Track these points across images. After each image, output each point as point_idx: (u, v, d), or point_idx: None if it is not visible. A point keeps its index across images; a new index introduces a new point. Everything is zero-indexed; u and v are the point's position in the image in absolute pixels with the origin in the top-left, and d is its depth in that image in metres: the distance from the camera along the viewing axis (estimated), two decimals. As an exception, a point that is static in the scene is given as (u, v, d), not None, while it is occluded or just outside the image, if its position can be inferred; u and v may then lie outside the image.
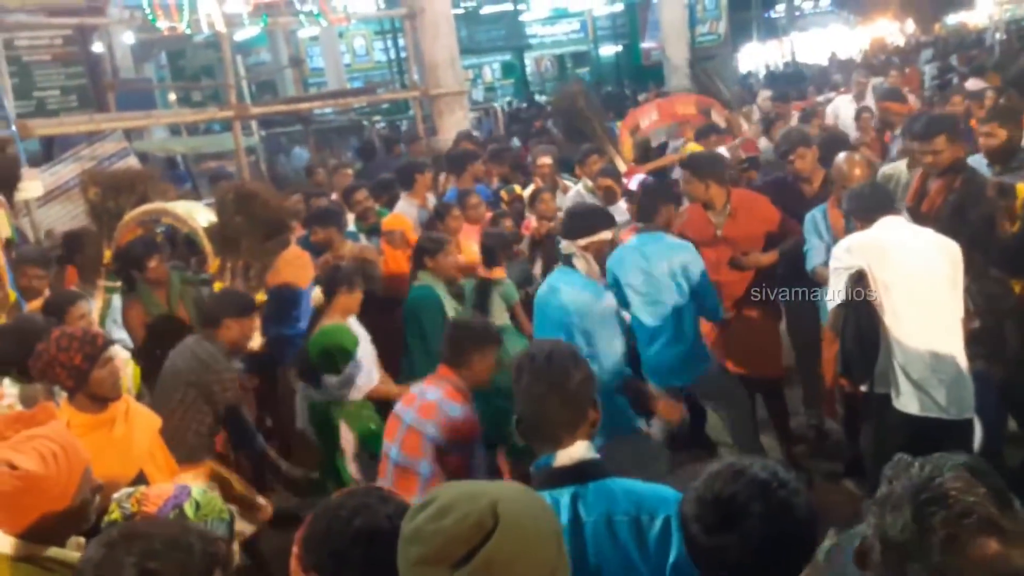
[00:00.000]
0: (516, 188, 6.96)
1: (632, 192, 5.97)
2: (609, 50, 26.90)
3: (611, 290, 4.16)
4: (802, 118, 8.12)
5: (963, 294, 3.52)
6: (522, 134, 13.58)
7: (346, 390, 4.33)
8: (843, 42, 25.54)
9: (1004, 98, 7.20)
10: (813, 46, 26.44)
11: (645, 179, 6.44)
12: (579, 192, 6.60)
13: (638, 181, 6.32)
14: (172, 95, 17.39)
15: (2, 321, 4.11)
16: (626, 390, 3.85)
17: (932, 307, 3.45)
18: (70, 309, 4.03)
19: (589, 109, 7.99)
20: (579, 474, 1.96)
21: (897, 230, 3.55)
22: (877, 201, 3.65)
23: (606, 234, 3.88)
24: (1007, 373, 3.90)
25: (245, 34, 16.84)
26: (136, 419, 3.15)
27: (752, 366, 4.81)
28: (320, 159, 10.91)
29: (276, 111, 12.45)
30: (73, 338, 3.03)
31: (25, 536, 2.01)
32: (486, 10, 24.54)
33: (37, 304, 4.33)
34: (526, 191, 6.81)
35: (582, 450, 1.98)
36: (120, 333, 4.81)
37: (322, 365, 4.33)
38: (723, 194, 4.78)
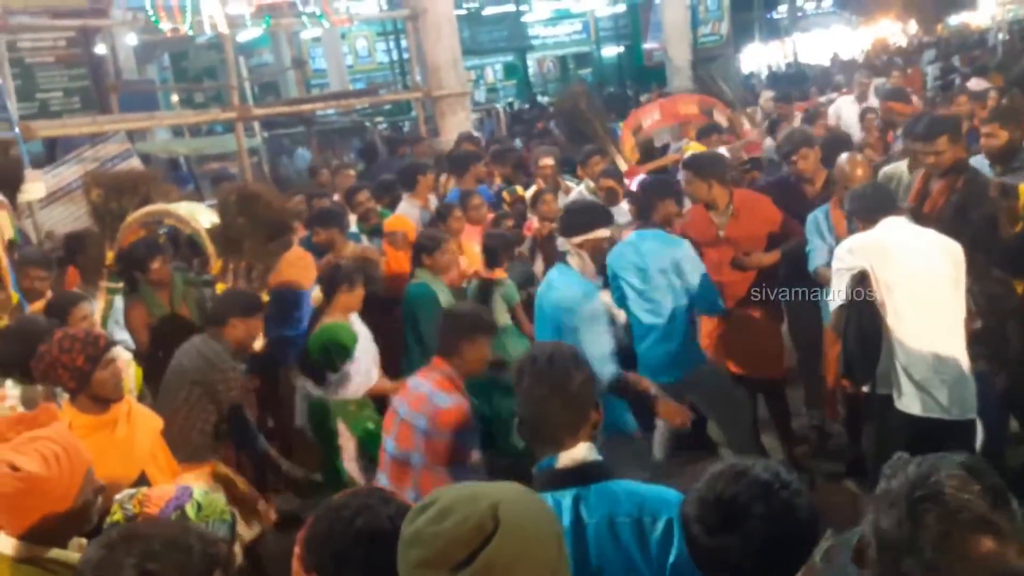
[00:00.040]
0: (518, 189, 6.96)
1: (633, 192, 5.97)
2: (611, 51, 26.88)
3: (611, 286, 4.16)
4: (806, 119, 8.10)
5: (965, 295, 3.52)
6: (524, 135, 13.59)
7: (343, 387, 4.32)
8: (845, 43, 25.51)
9: (1007, 98, 7.20)
10: (815, 47, 26.41)
11: (645, 179, 6.43)
12: (581, 193, 6.59)
13: (639, 181, 6.31)
14: (175, 96, 17.42)
15: (5, 322, 4.11)
16: (625, 392, 3.83)
17: (934, 308, 3.44)
18: (72, 310, 4.03)
19: (591, 110, 8.00)
20: (581, 476, 1.96)
21: (899, 231, 3.54)
22: (879, 202, 3.64)
23: (602, 232, 3.86)
24: (1009, 374, 3.89)
25: (248, 35, 16.86)
26: (138, 420, 3.16)
27: (754, 367, 4.81)
28: (323, 160, 10.92)
29: (279, 112, 12.48)
30: (75, 339, 3.04)
31: (27, 537, 2.02)
32: (488, 11, 24.54)
33: (39, 305, 4.34)
34: (528, 192, 6.81)
35: (584, 452, 1.98)
36: (122, 334, 4.81)
37: (321, 362, 4.34)
38: (725, 194, 4.78)
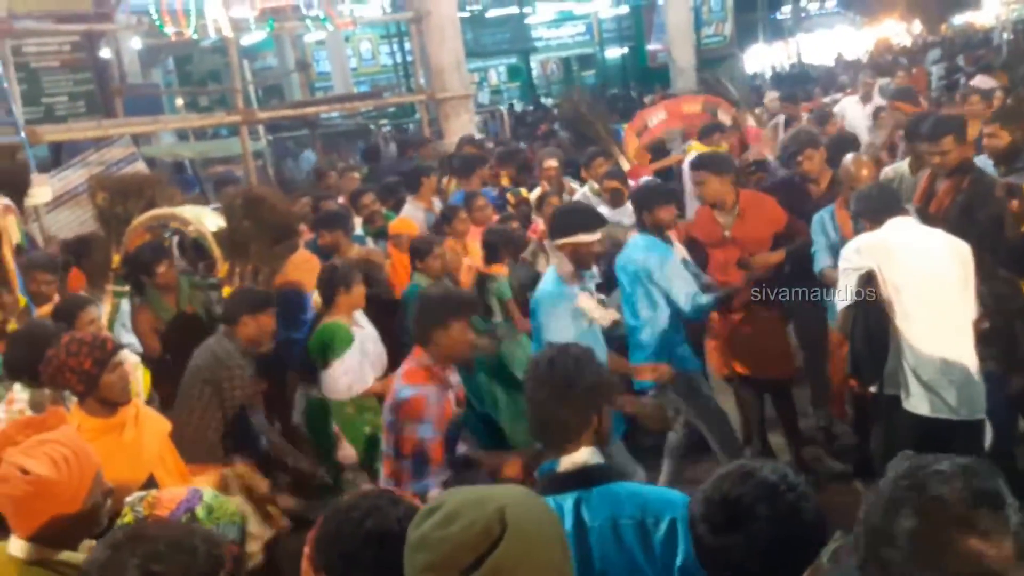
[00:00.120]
0: (522, 191, 6.96)
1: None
2: (615, 52, 26.88)
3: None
4: (817, 120, 8.08)
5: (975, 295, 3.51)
6: (528, 137, 13.59)
7: (333, 386, 4.30)
8: (849, 43, 25.50)
9: (1012, 98, 7.17)
10: (819, 47, 26.41)
11: (638, 186, 6.44)
12: (585, 195, 6.60)
13: (634, 187, 6.32)
14: (179, 100, 17.42)
15: (13, 326, 4.13)
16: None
17: (942, 308, 3.43)
18: (80, 314, 4.04)
19: (592, 113, 8.04)
20: (583, 479, 1.96)
21: (906, 231, 3.54)
22: (885, 202, 3.64)
23: (584, 237, 3.80)
24: (1018, 374, 3.88)
25: (252, 39, 16.90)
26: (146, 423, 3.16)
27: (760, 367, 4.81)
28: (328, 163, 10.94)
29: (283, 115, 12.49)
30: (83, 343, 3.04)
31: (37, 540, 2.03)
32: (492, 13, 24.56)
33: (47, 309, 4.35)
34: (532, 194, 6.81)
35: (587, 455, 1.99)
36: (129, 337, 4.83)
37: (317, 361, 4.35)
38: (733, 193, 4.78)
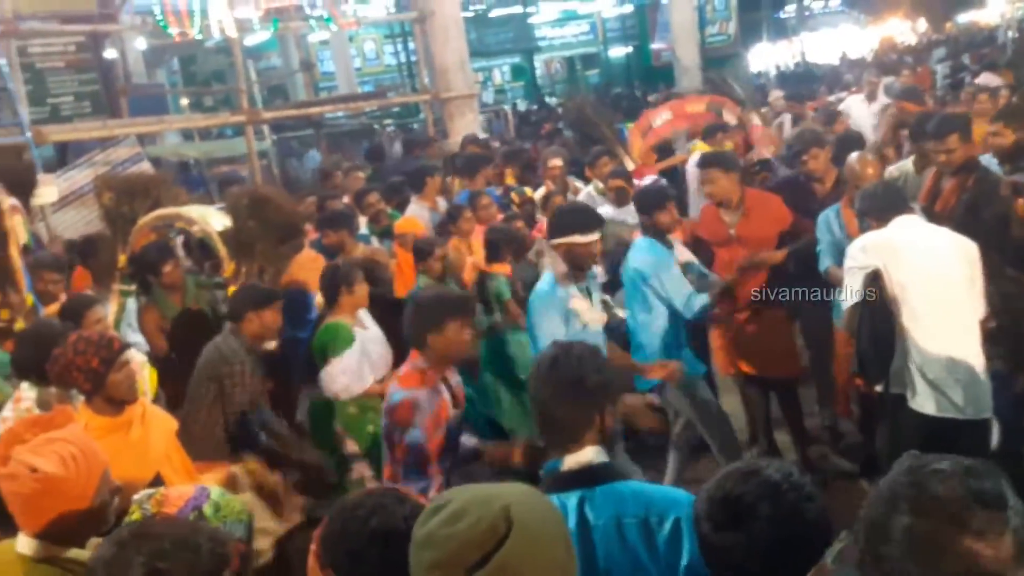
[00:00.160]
0: (527, 191, 6.97)
1: None
2: (619, 51, 26.88)
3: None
4: (826, 120, 8.07)
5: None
6: (532, 136, 13.59)
7: (331, 385, 4.30)
8: (854, 42, 25.45)
9: (1017, 96, 7.16)
10: (823, 46, 26.36)
11: (656, 179, 6.44)
12: (589, 194, 6.60)
13: (649, 181, 6.32)
14: (184, 100, 17.49)
15: (21, 325, 4.14)
16: None
17: (949, 307, 3.43)
18: (87, 314, 4.05)
19: (596, 115, 8.08)
20: (587, 478, 1.96)
21: (913, 229, 3.53)
22: (890, 200, 3.63)
23: (578, 237, 3.79)
24: (1024, 372, 3.87)
25: (256, 39, 16.91)
26: (152, 422, 3.17)
27: (766, 366, 4.81)
28: (334, 162, 10.96)
29: (287, 115, 12.50)
30: (90, 342, 3.05)
31: (46, 538, 2.04)
32: (495, 13, 24.56)
33: (54, 308, 4.37)
34: (536, 193, 6.81)
35: (591, 454, 1.98)
36: (135, 337, 4.84)
37: (319, 361, 4.36)
38: (739, 191, 4.78)
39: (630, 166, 7.01)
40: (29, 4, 9.83)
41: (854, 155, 4.55)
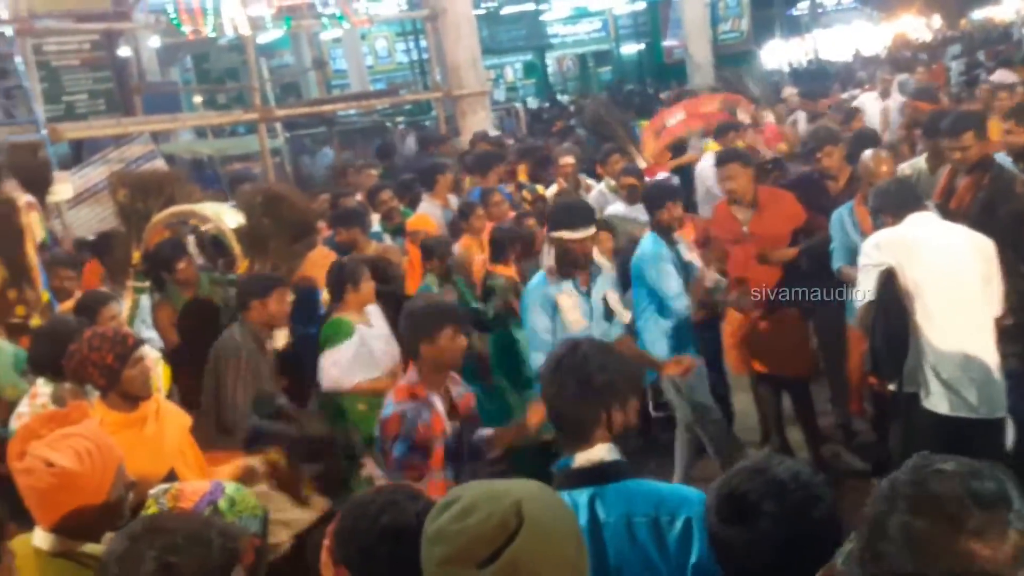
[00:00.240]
0: (539, 188, 6.96)
1: None
2: (631, 48, 26.80)
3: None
4: (844, 117, 8.04)
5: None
6: (543, 134, 13.57)
7: (324, 378, 4.28)
8: (867, 39, 25.27)
9: (1031, 93, 7.11)
10: (837, 43, 26.19)
11: (668, 177, 6.43)
12: (601, 192, 6.60)
13: (662, 178, 6.31)
14: (197, 98, 17.54)
15: (37, 322, 4.18)
16: None
17: (963, 305, 3.40)
18: (101, 310, 4.07)
19: (609, 115, 8.13)
20: (598, 475, 1.96)
21: (927, 226, 3.51)
22: (905, 197, 3.61)
23: (566, 233, 3.82)
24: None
25: (268, 37, 16.93)
26: (166, 418, 3.19)
27: (778, 364, 4.79)
28: (345, 160, 10.98)
29: (300, 113, 12.55)
30: (105, 338, 3.06)
31: (61, 532, 2.05)
32: (507, 10, 24.54)
33: (69, 305, 4.40)
34: (548, 191, 6.80)
35: (602, 452, 1.98)
36: (149, 333, 4.87)
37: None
38: (754, 188, 4.77)
39: (642, 164, 7.00)
40: (44, 3, 9.90)
41: (868, 152, 4.53)
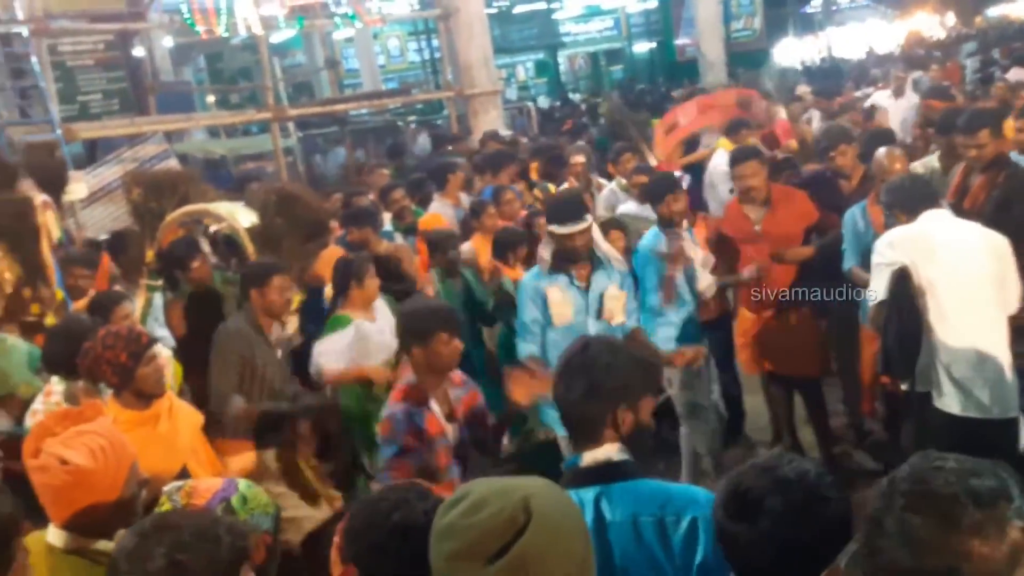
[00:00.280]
0: (550, 187, 6.96)
1: None
2: (643, 47, 26.74)
3: None
4: (865, 116, 8.00)
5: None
6: (555, 133, 13.55)
7: (315, 368, 4.28)
8: (881, 36, 25.11)
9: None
10: (850, 41, 26.03)
11: (681, 175, 6.41)
12: (612, 190, 6.59)
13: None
14: (210, 97, 17.64)
15: (51, 320, 4.21)
16: None
17: (977, 304, 3.38)
18: (115, 309, 4.10)
19: (621, 114, 8.16)
20: (604, 474, 1.95)
21: (941, 224, 3.48)
22: (919, 193, 3.59)
23: (554, 228, 3.88)
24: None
25: (281, 36, 17.00)
26: (179, 415, 3.21)
27: (790, 364, 4.77)
28: (355, 159, 11.01)
29: (313, 112, 12.58)
30: (119, 336, 3.08)
31: (75, 529, 2.07)
32: (519, 9, 24.55)
33: (83, 303, 4.43)
34: (560, 190, 6.79)
35: (610, 451, 1.98)
36: (162, 331, 4.88)
37: None
38: (767, 185, 4.76)
39: (653, 162, 6.99)
40: (59, 3, 9.97)
41: (882, 150, 4.49)
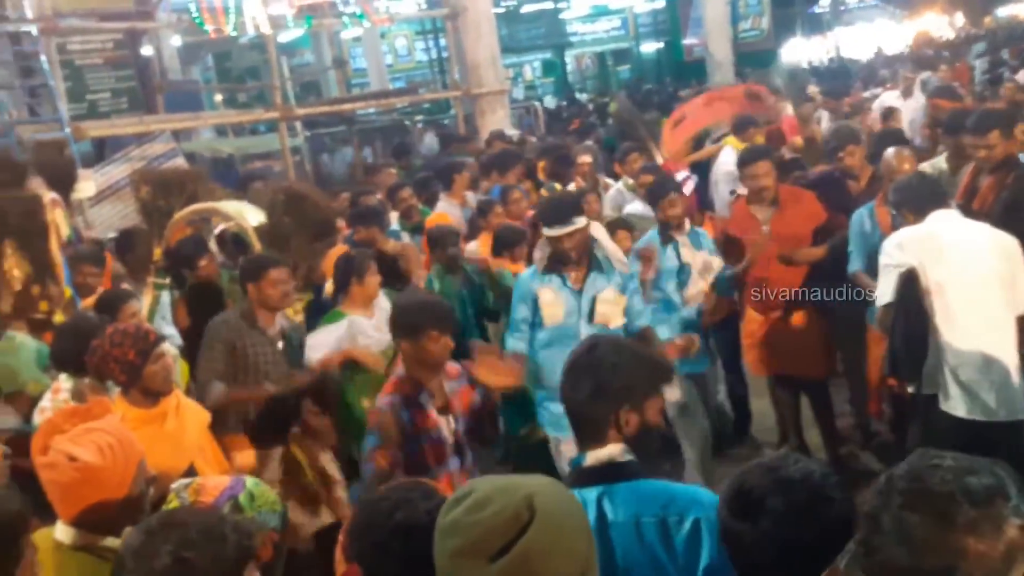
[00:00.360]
0: (557, 186, 6.95)
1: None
2: (650, 47, 26.72)
3: None
4: (883, 116, 7.97)
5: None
6: (563, 133, 13.54)
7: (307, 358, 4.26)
8: (890, 37, 25.02)
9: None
10: (859, 41, 25.95)
11: (688, 175, 6.40)
12: (620, 190, 6.58)
13: (681, 176, 6.28)
14: (218, 96, 17.65)
15: (60, 318, 4.22)
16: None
17: (985, 305, 3.37)
18: (122, 307, 4.11)
19: (630, 113, 8.18)
20: (607, 474, 1.95)
21: (950, 224, 3.47)
22: (927, 193, 3.57)
23: (544, 230, 3.92)
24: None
25: (289, 36, 17.03)
26: (186, 413, 3.22)
27: (796, 365, 4.75)
28: (362, 158, 11.03)
29: (320, 112, 12.60)
30: (126, 334, 3.09)
31: (83, 526, 2.08)
32: (526, 8, 24.56)
33: (92, 301, 4.44)
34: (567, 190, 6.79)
35: (613, 451, 1.97)
36: (169, 330, 4.90)
37: None
38: (776, 185, 4.75)
39: (659, 160, 6.97)
40: (68, 2, 10.01)
41: (891, 150, 4.47)
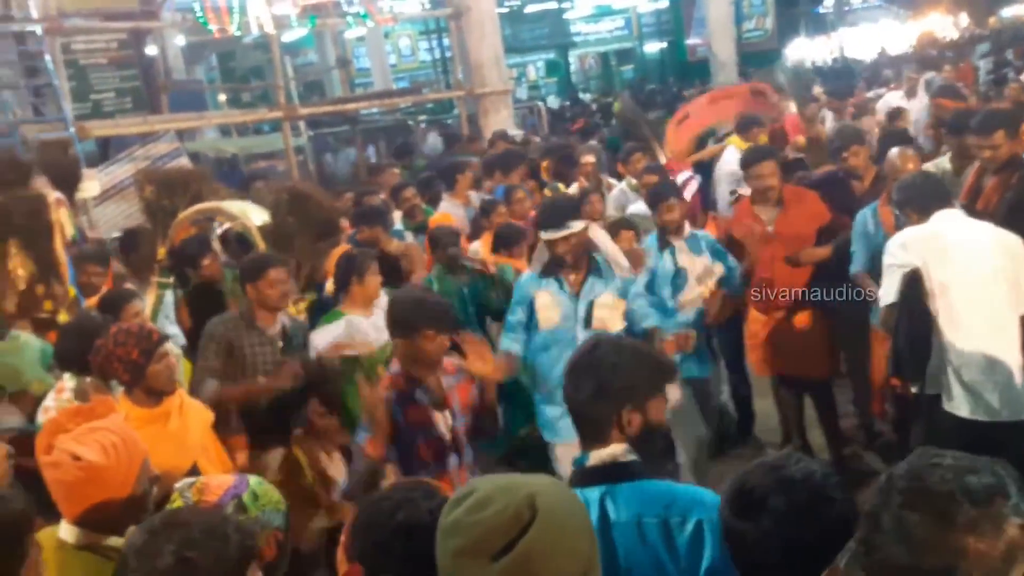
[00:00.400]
0: (560, 186, 6.95)
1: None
2: (654, 47, 26.72)
3: None
4: (889, 116, 7.98)
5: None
6: (564, 132, 13.54)
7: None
8: (894, 37, 24.98)
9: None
10: (863, 41, 25.92)
11: (691, 175, 6.40)
12: (623, 190, 6.58)
13: (684, 177, 6.28)
14: (222, 96, 17.69)
15: (64, 317, 4.23)
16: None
17: (988, 305, 3.36)
18: (126, 307, 4.12)
19: (634, 113, 8.18)
20: (610, 474, 1.95)
21: (954, 224, 3.46)
22: (931, 192, 3.57)
23: (542, 234, 3.94)
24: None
25: (293, 35, 17.03)
26: (190, 413, 3.22)
27: (799, 366, 4.75)
28: (365, 158, 11.03)
29: (324, 111, 12.61)
30: (130, 334, 3.10)
31: (86, 525, 2.08)
32: (530, 8, 24.57)
33: (95, 300, 4.45)
34: (570, 190, 6.78)
35: (616, 451, 1.97)
36: (172, 329, 4.90)
37: None
38: (780, 186, 4.75)
39: (662, 159, 6.97)
40: (73, 2, 10.04)
41: (895, 150, 4.47)
